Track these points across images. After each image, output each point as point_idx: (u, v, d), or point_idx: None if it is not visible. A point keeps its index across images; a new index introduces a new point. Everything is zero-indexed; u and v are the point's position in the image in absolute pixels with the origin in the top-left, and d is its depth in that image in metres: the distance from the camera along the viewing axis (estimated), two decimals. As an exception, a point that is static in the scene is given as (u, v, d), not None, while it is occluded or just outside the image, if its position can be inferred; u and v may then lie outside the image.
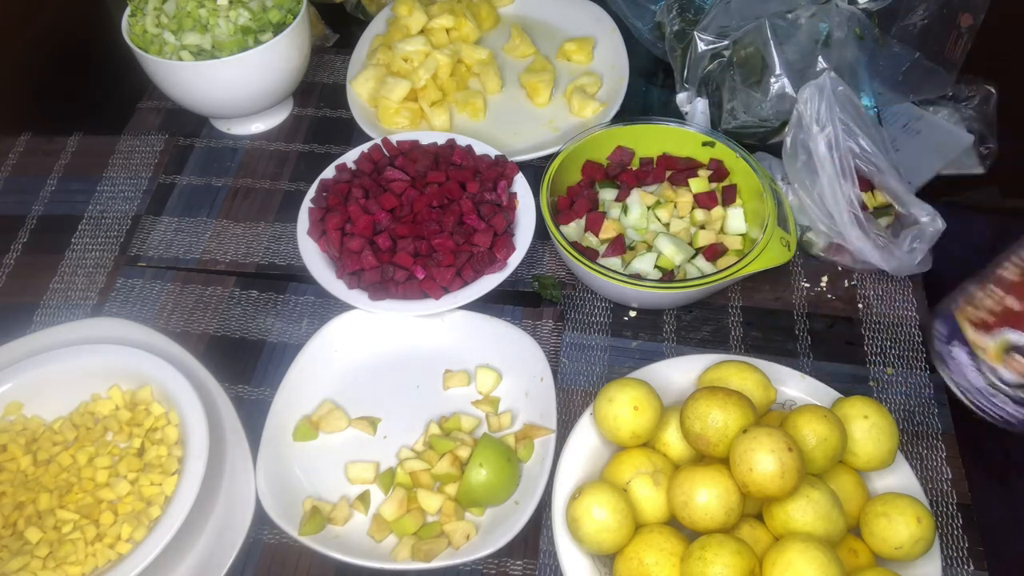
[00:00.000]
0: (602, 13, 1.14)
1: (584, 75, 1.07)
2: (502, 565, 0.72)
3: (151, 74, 0.97)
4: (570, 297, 0.89)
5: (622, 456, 0.71)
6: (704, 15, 0.98)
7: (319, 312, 0.88)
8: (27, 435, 0.75)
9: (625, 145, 0.95)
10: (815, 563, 0.60)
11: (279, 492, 0.73)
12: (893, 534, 0.65)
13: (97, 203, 0.99)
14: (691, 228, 0.89)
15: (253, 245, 0.95)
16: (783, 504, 0.64)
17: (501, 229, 0.87)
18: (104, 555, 0.68)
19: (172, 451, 0.73)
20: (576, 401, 0.81)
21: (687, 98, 1.01)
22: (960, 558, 0.72)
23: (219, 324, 0.88)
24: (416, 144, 0.95)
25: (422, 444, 0.78)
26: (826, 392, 0.77)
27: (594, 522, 0.66)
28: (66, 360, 0.77)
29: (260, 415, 0.77)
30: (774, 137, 0.99)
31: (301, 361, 0.81)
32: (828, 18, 0.93)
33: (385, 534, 0.72)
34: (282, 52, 0.97)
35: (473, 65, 1.09)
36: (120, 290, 0.91)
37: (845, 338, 0.85)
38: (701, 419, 0.67)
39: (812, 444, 0.67)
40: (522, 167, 0.93)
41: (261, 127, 1.06)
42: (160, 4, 0.97)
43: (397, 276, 0.83)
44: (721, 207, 0.91)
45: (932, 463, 0.77)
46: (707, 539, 0.63)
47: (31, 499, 0.71)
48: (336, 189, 0.90)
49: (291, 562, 0.72)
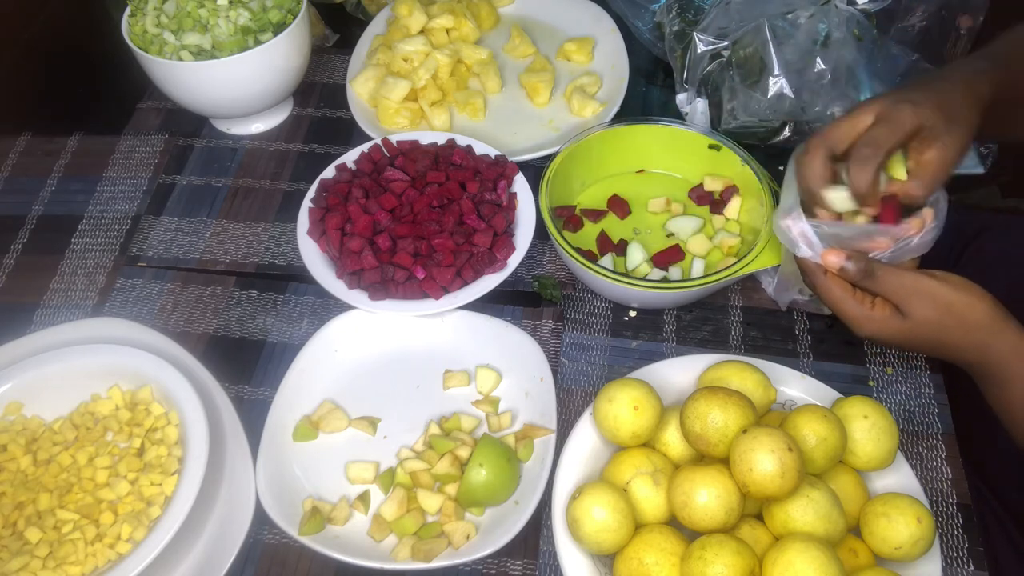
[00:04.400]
0: (602, 13, 1.14)
1: (584, 75, 1.07)
2: (502, 565, 0.72)
3: (151, 74, 0.97)
4: (570, 297, 0.89)
5: (622, 456, 0.71)
6: (704, 16, 0.98)
7: (319, 312, 0.88)
8: (27, 435, 0.75)
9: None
10: (815, 563, 0.60)
11: (279, 492, 0.73)
12: (893, 534, 0.65)
13: (97, 203, 0.99)
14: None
15: (253, 245, 0.95)
16: (783, 504, 0.65)
17: (501, 229, 0.87)
18: (104, 555, 0.68)
19: (172, 451, 0.73)
20: (576, 401, 0.81)
21: (687, 98, 1.01)
22: (960, 558, 0.72)
23: (219, 324, 0.88)
24: (416, 144, 0.95)
25: (422, 444, 0.78)
26: (826, 392, 0.77)
27: (594, 522, 0.66)
28: (66, 360, 0.77)
29: (260, 415, 0.77)
30: (774, 137, 0.99)
31: (301, 361, 0.81)
32: (827, 19, 0.93)
33: (385, 534, 0.72)
34: (282, 52, 0.97)
35: (473, 65, 1.09)
36: (120, 290, 0.91)
37: (845, 338, 0.85)
38: (701, 419, 0.67)
39: (812, 444, 0.67)
40: (522, 167, 0.93)
41: (261, 127, 1.06)
42: (160, 4, 0.97)
43: (397, 276, 0.83)
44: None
45: (932, 463, 0.77)
46: (707, 539, 0.63)
47: (31, 499, 0.71)
48: (336, 189, 0.90)
49: (291, 562, 0.72)
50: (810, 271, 0.72)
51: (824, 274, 0.70)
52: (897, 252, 0.71)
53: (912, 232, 0.70)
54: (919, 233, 0.70)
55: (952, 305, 0.67)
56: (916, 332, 0.68)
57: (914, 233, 0.70)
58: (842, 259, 0.69)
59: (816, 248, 0.70)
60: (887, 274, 0.68)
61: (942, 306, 0.67)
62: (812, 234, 0.70)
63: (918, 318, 0.67)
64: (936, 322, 0.67)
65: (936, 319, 0.67)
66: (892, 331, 0.69)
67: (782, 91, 0.93)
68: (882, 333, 0.69)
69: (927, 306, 0.67)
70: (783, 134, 0.98)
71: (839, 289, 0.70)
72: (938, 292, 0.67)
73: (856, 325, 0.70)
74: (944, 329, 0.68)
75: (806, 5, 0.93)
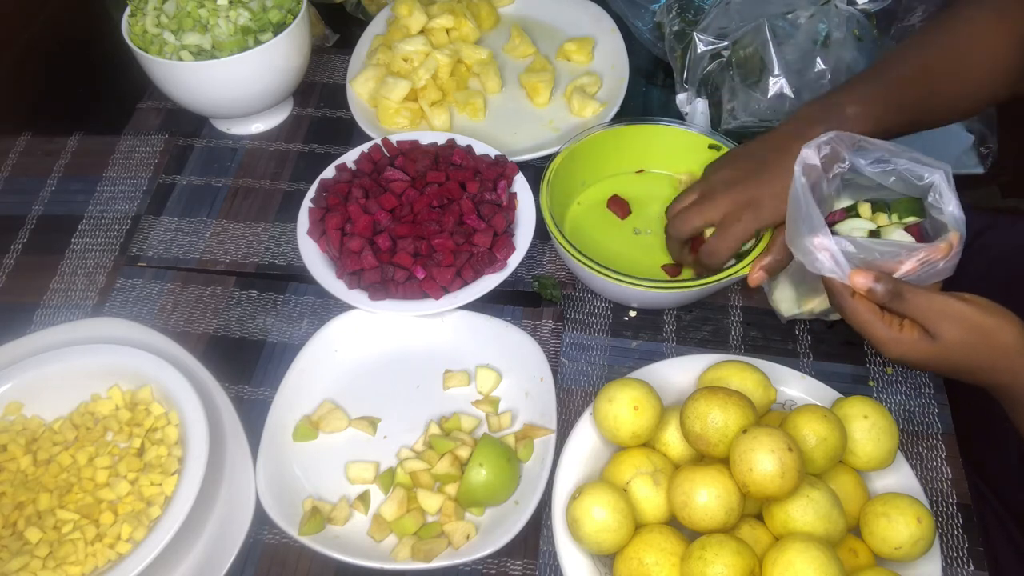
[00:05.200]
0: (602, 13, 1.14)
1: (584, 75, 1.07)
2: (502, 565, 0.72)
3: (151, 74, 0.97)
4: (570, 297, 0.89)
5: (622, 456, 0.71)
6: (704, 16, 0.98)
7: (319, 312, 0.88)
8: (27, 435, 0.75)
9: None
10: (815, 563, 0.60)
11: (279, 492, 0.73)
12: (893, 534, 0.65)
13: (97, 203, 0.99)
14: None
15: (253, 245, 0.95)
16: (783, 504, 0.65)
17: (501, 229, 0.87)
18: (104, 555, 0.68)
19: (172, 451, 0.73)
20: (576, 401, 0.81)
21: (687, 98, 1.01)
22: (960, 558, 0.72)
23: (219, 324, 0.88)
24: (416, 144, 0.95)
25: (422, 444, 0.78)
26: (826, 392, 0.77)
27: (594, 522, 0.66)
28: (66, 360, 0.77)
29: (260, 415, 0.77)
30: (774, 137, 0.99)
31: (301, 361, 0.81)
32: (827, 19, 0.93)
33: (385, 534, 0.72)
34: (282, 52, 0.97)
35: (473, 65, 1.09)
36: (120, 290, 0.91)
37: (845, 338, 0.85)
38: (701, 419, 0.67)
39: (812, 444, 0.67)
40: (522, 167, 0.93)
41: (261, 127, 1.06)
42: (160, 4, 0.97)
43: (397, 276, 0.83)
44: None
45: (932, 463, 0.77)
46: (707, 539, 0.63)
47: (31, 499, 0.71)
48: (336, 189, 0.90)
49: (291, 562, 0.72)
50: (837, 292, 0.70)
51: (852, 295, 0.69)
52: (922, 275, 0.69)
53: (940, 255, 0.69)
54: (946, 256, 0.69)
55: (982, 327, 0.66)
56: (945, 355, 0.66)
57: (942, 256, 0.68)
58: (870, 280, 0.67)
59: (844, 268, 0.68)
60: (916, 296, 0.66)
61: (972, 328, 0.66)
62: (840, 254, 0.68)
63: (948, 341, 0.66)
64: (967, 344, 0.66)
65: (966, 341, 0.66)
66: (921, 354, 0.67)
67: (782, 91, 0.93)
68: (911, 355, 0.68)
69: (957, 328, 0.65)
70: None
71: (867, 311, 0.68)
72: (968, 314, 0.66)
73: (884, 348, 0.68)
74: (974, 351, 0.66)
75: (806, 5, 0.93)
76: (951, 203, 0.70)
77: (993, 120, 1.00)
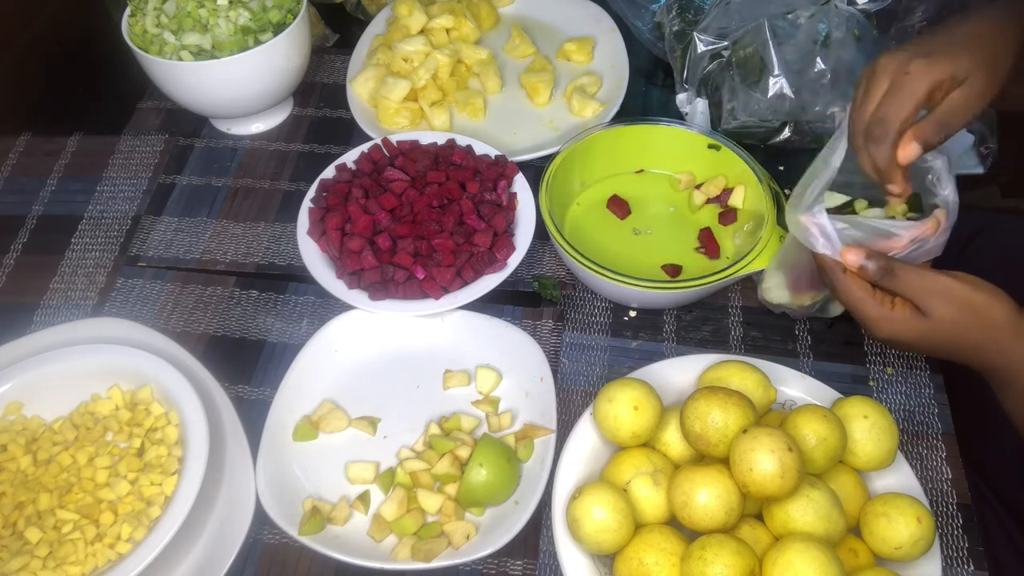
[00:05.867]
0: (602, 13, 1.14)
1: (584, 75, 1.07)
2: (502, 565, 0.72)
3: (151, 74, 0.97)
4: (570, 297, 0.89)
5: (622, 456, 0.71)
6: (704, 16, 0.98)
7: (319, 312, 0.88)
8: (27, 435, 0.75)
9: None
10: (815, 563, 0.60)
11: (279, 492, 0.73)
12: (893, 534, 0.65)
13: (97, 203, 0.99)
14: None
15: (253, 245, 0.95)
16: (783, 504, 0.65)
17: (501, 229, 0.87)
18: (104, 555, 0.68)
19: (172, 451, 0.73)
20: (576, 401, 0.81)
21: (687, 98, 1.01)
22: (960, 558, 0.72)
23: (219, 324, 0.88)
24: (416, 144, 0.95)
25: (422, 444, 0.78)
26: (826, 392, 0.77)
27: (594, 522, 0.66)
28: (66, 360, 0.77)
29: (260, 415, 0.77)
30: (774, 137, 0.99)
31: (301, 361, 0.81)
32: (827, 19, 0.93)
33: (385, 534, 0.72)
34: (282, 52, 0.97)
35: (473, 65, 1.09)
36: (120, 290, 0.91)
37: (845, 338, 0.85)
38: (701, 419, 0.67)
39: (812, 444, 0.67)
40: (522, 167, 0.93)
41: (261, 127, 1.06)
42: (160, 4, 0.97)
43: (397, 276, 0.83)
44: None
45: (932, 463, 0.77)
46: (707, 539, 0.63)
47: (31, 499, 0.71)
48: (336, 189, 0.90)
49: (291, 562, 0.72)
50: (829, 268, 0.70)
51: (843, 272, 0.68)
52: (912, 254, 0.69)
53: (928, 232, 0.69)
54: (935, 234, 0.69)
55: (972, 304, 0.65)
56: (936, 333, 0.66)
57: (930, 233, 0.68)
58: (862, 257, 0.67)
59: (835, 245, 0.68)
60: (907, 272, 0.66)
61: (963, 306, 0.65)
62: (832, 230, 0.68)
63: (938, 318, 0.66)
64: (957, 322, 0.66)
65: (957, 320, 0.65)
66: (912, 332, 0.67)
67: (782, 91, 0.93)
68: (902, 334, 0.67)
69: (948, 305, 0.65)
70: (783, 134, 0.98)
71: (858, 288, 0.68)
72: (958, 291, 0.65)
73: (875, 326, 0.68)
74: (965, 329, 0.66)
75: (806, 5, 0.93)
76: (947, 187, 0.71)
77: (993, 120, 1.00)
